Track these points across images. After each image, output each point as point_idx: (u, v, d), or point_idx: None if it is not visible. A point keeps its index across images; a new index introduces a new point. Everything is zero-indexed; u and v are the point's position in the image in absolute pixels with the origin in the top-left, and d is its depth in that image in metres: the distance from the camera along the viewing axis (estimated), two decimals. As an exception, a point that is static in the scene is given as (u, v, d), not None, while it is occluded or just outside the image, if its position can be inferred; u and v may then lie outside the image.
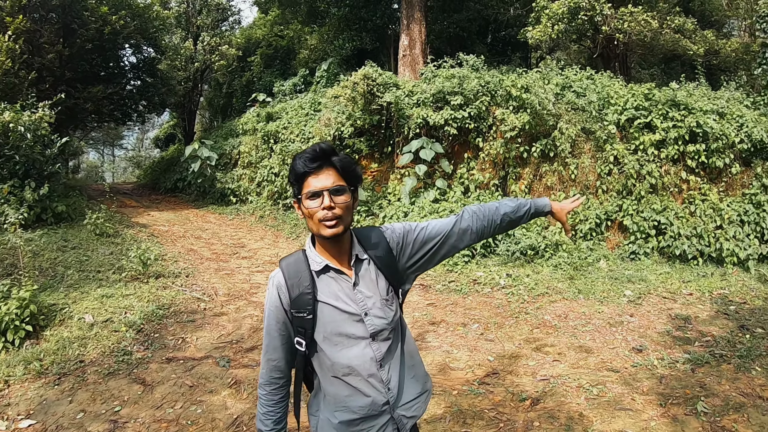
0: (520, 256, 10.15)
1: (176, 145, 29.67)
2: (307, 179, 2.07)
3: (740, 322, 7.45)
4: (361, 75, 12.16)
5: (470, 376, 5.68)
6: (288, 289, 2.13)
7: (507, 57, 21.14)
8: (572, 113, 11.63)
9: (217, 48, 24.96)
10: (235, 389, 5.34)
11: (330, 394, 2.19)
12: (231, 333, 6.84)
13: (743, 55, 20.64)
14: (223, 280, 9.12)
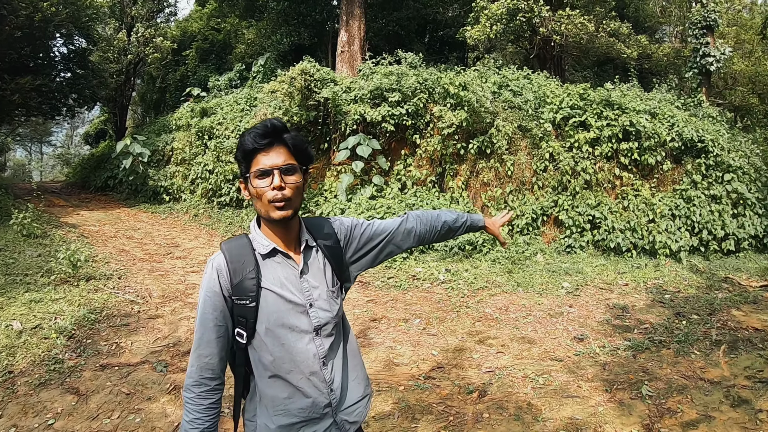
0: (458, 252, 10.16)
1: (107, 142, 28.54)
2: (256, 156, 1.95)
3: (676, 310, 7.76)
4: (298, 70, 11.95)
5: (415, 371, 5.61)
6: (229, 272, 1.97)
7: (444, 56, 21.27)
8: (509, 111, 11.77)
9: (152, 40, 24.01)
10: (175, 395, 5.02)
11: (268, 397, 2.02)
12: (167, 336, 6.50)
13: (674, 59, 21.36)
14: (157, 281, 8.73)
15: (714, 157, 11.25)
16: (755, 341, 6.48)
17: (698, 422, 4.60)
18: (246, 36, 22.11)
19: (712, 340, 6.54)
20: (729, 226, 10.84)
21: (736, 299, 8.32)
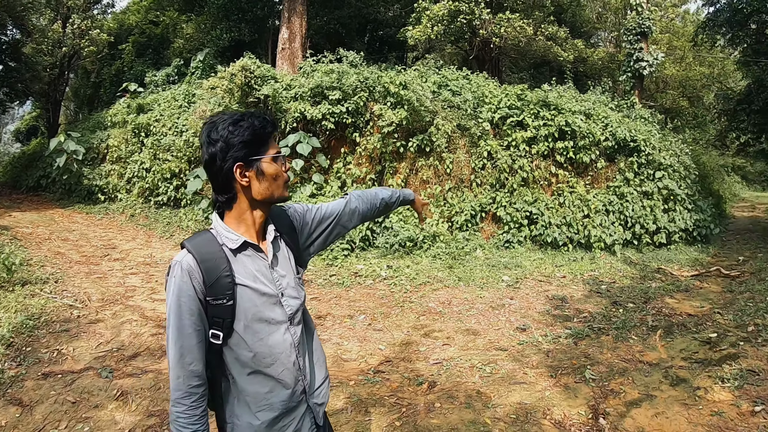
0: (399, 248, 10.24)
1: (39, 139, 27.56)
2: (269, 140, 2.00)
3: (612, 299, 8.13)
4: (239, 66, 11.78)
5: (364, 366, 5.65)
6: (202, 273, 1.89)
7: (384, 56, 21.40)
8: (448, 110, 11.96)
9: (88, 32, 23.06)
10: (123, 401, 4.86)
11: (249, 394, 1.99)
12: (110, 341, 6.27)
13: (608, 63, 21.98)
14: (96, 284, 8.43)
15: (646, 155, 11.78)
16: (689, 325, 6.86)
17: (641, 401, 4.84)
18: (185, 30, 21.52)
19: (648, 326, 6.89)
20: (660, 220, 11.41)
21: (669, 288, 8.75)
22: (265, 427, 2.01)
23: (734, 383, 4.96)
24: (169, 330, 1.90)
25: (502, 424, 4.42)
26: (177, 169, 13.11)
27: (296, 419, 2.09)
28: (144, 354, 5.80)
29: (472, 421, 4.47)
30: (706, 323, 6.91)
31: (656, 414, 4.61)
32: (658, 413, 4.62)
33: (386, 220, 10.68)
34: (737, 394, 4.79)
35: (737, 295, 8.22)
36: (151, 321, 6.70)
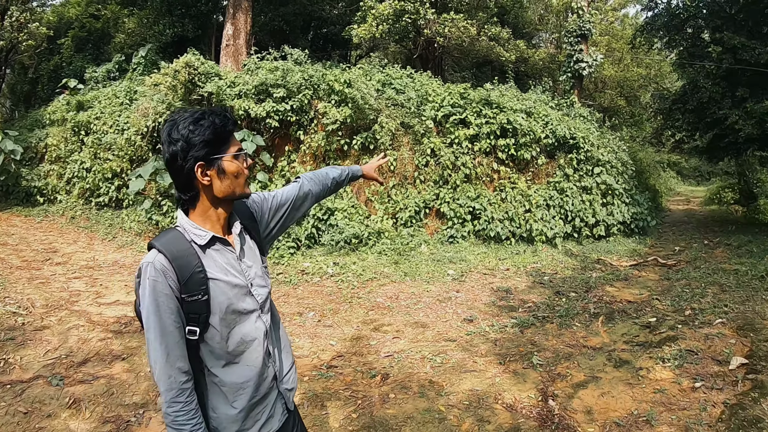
0: (344, 245, 10.28)
1: (-28, 138, 26.61)
2: (231, 138, 2.00)
3: (555, 289, 8.44)
4: (182, 63, 11.58)
5: (317, 362, 5.67)
6: (176, 271, 1.89)
7: (328, 54, 21.38)
8: (392, 108, 12.08)
9: (26, 26, 22.38)
10: (76, 409, 4.71)
11: (225, 385, 2.02)
12: (58, 347, 6.08)
13: (549, 63, 22.46)
14: (39, 289, 8.15)
15: (585, 152, 12.18)
16: (629, 311, 7.21)
17: (587, 383, 5.08)
18: (126, 25, 20.96)
19: (590, 313, 7.20)
20: (599, 213, 11.86)
21: (609, 277, 9.13)
22: (242, 415, 2.05)
23: (674, 363, 5.27)
24: (150, 333, 1.87)
25: (456, 411, 4.54)
26: (118, 168, 12.78)
27: (269, 405, 2.14)
28: (94, 360, 5.67)
29: (427, 409, 4.58)
30: (646, 309, 7.27)
31: (602, 394, 4.83)
32: (604, 393, 4.84)
33: (331, 218, 10.69)
34: (678, 373, 5.09)
35: (674, 282, 8.65)
36: (98, 326, 6.56)
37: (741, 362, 5.17)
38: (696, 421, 4.21)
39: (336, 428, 4.32)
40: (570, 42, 18.03)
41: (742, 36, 13.62)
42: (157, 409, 4.56)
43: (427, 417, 4.46)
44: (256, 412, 2.10)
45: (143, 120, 12.34)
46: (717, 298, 7.33)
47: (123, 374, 5.13)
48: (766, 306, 6.71)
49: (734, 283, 8.03)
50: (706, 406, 4.45)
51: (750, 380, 4.78)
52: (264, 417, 2.12)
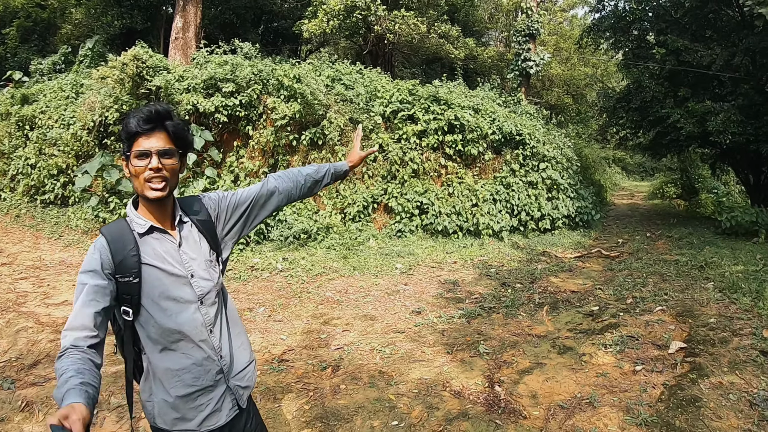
0: (293, 241, 10.25)
1: None
2: (138, 139, 2.01)
3: (501, 281, 8.59)
4: (130, 55, 11.22)
5: (268, 357, 5.66)
6: (111, 253, 1.98)
7: (278, 48, 21.16)
8: (341, 104, 12.04)
9: None
10: (29, 412, 4.56)
11: (162, 370, 2.07)
12: (7, 350, 5.87)
13: (498, 61, 22.74)
14: None
15: (531, 148, 12.40)
16: (573, 301, 7.42)
17: (532, 369, 5.23)
18: (74, 16, 20.26)
19: (535, 303, 7.38)
20: (544, 207, 12.13)
21: (554, 269, 9.37)
22: (180, 403, 2.08)
23: (616, 348, 5.46)
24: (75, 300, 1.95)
25: (405, 399, 4.60)
26: (64, 164, 12.36)
27: (214, 399, 2.16)
28: (44, 361, 5.54)
29: (377, 398, 4.62)
30: (589, 298, 7.49)
31: (547, 379, 4.96)
32: (548, 378, 4.98)
33: (280, 213, 10.64)
34: (619, 357, 5.27)
35: (617, 272, 8.92)
36: (47, 327, 6.39)
37: (680, 346, 5.37)
38: (637, 402, 4.36)
39: (289, 420, 4.33)
40: (518, 41, 18.30)
41: (685, 39, 14.11)
42: (111, 408, 4.49)
43: (378, 406, 4.50)
44: (197, 403, 2.12)
45: (90, 114, 11.95)
46: (657, 287, 7.61)
47: (75, 375, 5.00)
48: (705, 294, 6.97)
49: (674, 273, 8.33)
50: (646, 387, 4.61)
51: (688, 363, 4.98)
52: (207, 410, 2.14)
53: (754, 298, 6.52)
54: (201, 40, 14.42)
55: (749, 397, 4.24)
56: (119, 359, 5.25)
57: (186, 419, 2.10)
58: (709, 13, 14.91)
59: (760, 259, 8.77)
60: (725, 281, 7.42)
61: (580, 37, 19.95)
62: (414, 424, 4.21)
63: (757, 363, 4.78)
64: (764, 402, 4.13)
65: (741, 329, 5.61)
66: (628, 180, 35.72)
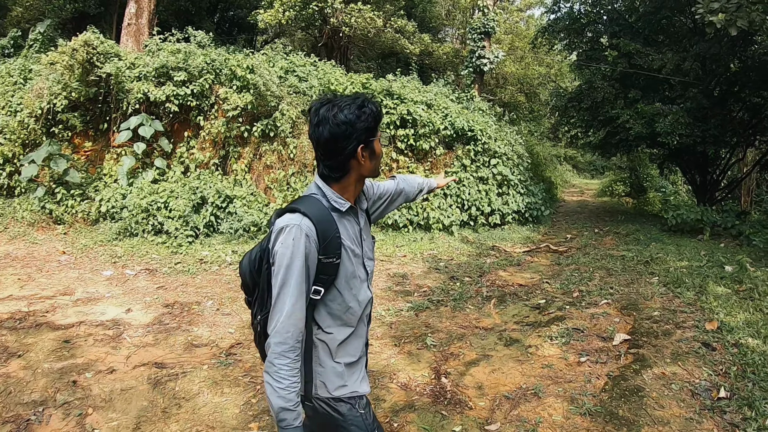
0: (243, 233, 10.09)
1: None
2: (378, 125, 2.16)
3: (450, 275, 8.64)
4: (81, 41, 10.88)
5: (216, 350, 5.57)
6: (319, 234, 2.03)
7: (233, 38, 20.89)
8: (294, 96, 11.94)
9: None
10: None
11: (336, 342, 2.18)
12: None
13: (453, 58, 22.88)
14: None
15: (482, 144, 12.45)
16: (520, 294, 7.51)
17: (478, 361, 5.26)
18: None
19: (483, 297, 7.45)
20: (495, 203, 12.21)
21: (503, 263, 9.49)
22: (346, 371, 2.20)
23: (562, 340, 5.54)
24: (282, 288, 1.99)
25: None
26: (10, 153, 11.85)
27: (362, 368, 2.31)
28: None
29: None
30: (536, 292, 7.59)
31: (493, 370, 5.00)
32: (494, 369, 5.01)
33: (230, 206, 10.42)
34: (565, 349, 5.35)
35: (564, 267, 9.06)
36: None
37: (624, 338, 5.46)
38: (581, 392, 4.42)
39: (236, 414, 4.27)
40: (474, 38, 18.43)
41: (638, 43, 14.45)
42: (57, 405, 4.33)
43: (325, 398, 4.46)
44: (354, 370, 2.26)
45: (37, 101, 11.54)
46: (604, 281, 7.75)
47: (20, 372, 4.85)
48: (649, 288, 7.13)
49: (620, 268, 8.48)
50: (590, 378, 4.68)
51: (632, 354, 5.07)
52: (360, 375, 2.29)
53: (698, 293, 6.70)
54: (154, 27, 14.15)
55: (691, 387, 4.34)
56: (65, 355, 5.17)
57: (347, 385, 2.20)
58: (662, 18, 15.31)
59: (704, 255, 9.01)
60: (670, 276, 7.59)
61: (535, 37, 20.24)
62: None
63: (699, 354, 4.89)
64: (705, 392, 4.24)
65: (684, 322, 5.74)
66: (579, 178, 36.37)
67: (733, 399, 4.10)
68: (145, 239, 9.73)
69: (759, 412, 3.84)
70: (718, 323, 5.53)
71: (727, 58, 12.97)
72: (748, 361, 4.62)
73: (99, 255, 9.03)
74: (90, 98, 11.29)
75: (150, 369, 4.99)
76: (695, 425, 3.82)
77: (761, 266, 8.19)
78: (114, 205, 10.37)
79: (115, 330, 5.97)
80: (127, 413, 4.23)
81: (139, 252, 9.20)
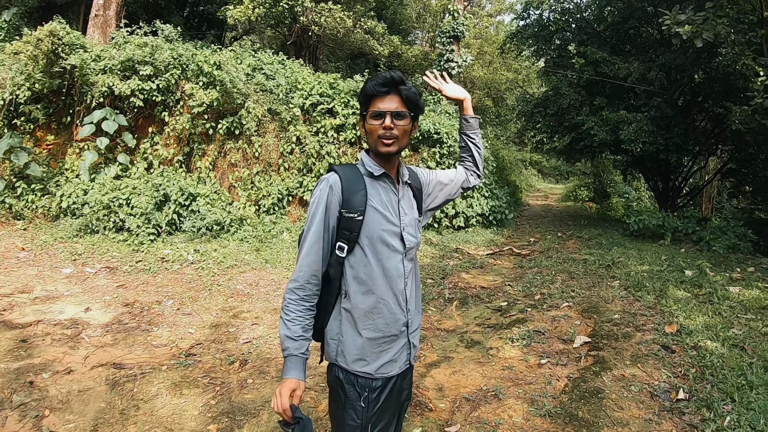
0: (206, 232, 9.95)
1: None
2: (374, 101, 2.23)
3: None
4: (47, 31, 10.58)
5: (175, 351, 5.48)
6: (342, 188, 2.19)
7: (202, 33, 20.65)
8: (261, 94, 11.84)
9: None
10: None
11: (359, 311, 2.23)
12: None
13: (422, 60, 22.91)
14: None
15: (448, 147, 12.46)
16: (482, 296, 7.53)
17: (440, 362, 5.28)
18: None
19: (445, 298, 7.47)
20: (459, 205, 12.34)
21: (466, 265, 9.51)
22: (367, 345, 2.23)
23: (522, 342, 5.57)
24: (306, 233, 2.21)
25: (312, 393, 4.56)
26: None
27: (394, 349, 2.30)
28: None
29: None
30: (498, 294, 7.62)
31: (454, 372, 5.01)
32: (455, 371, 5.02)
33: (193, 204, 10.25)
34: (525, 351, 5.38)
35: (527, 270, 9.13)
36: None
37: (584, 341, 5.50)
38: (541, 393, 4.44)
39: (195, 416, 4.21)
40: (443, 42, 18.52)
41: (605, 51, 14.69)
42: (14, 407, 4.21)
43: (285, 400, 4.41)
44: (380, 349, 2.26)
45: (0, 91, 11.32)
46: (565, 284, 7.83)
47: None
48: (610, 291, 7.22)
49: (582, 271, 8.59)
50: (551, 380, 4.71)
51: (592, 356, 5.11)
52: (387, 357, 2.28)
53: (658, 296, 6.81)
54: (122, 19, 13.78)
55: (650, 388, 4.39)
56: (21, 355, 5.04)
57: (366, 361, 2.24)
58: (629, 29, 15.59)
59: (664, 260, 9.16)
60: (631, 280, 7.71)
61: (504, 42, 20.44)
62: (321, 418, 4.16)
63: (659, 357, 4.96)
64: (665, 393, 4.29)
65: (644, 325, 5.81)
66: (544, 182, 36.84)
67: (691, 400, 4.15)
68: (106, 236, 9.54)
69: (717, 414, 3.90)
70: (677, 326, 5.61)
71: (691, 68, 13.22)
72: (707, 363, 4.70)
73: (59, 252, 8.83)
74: (54, 90, 10.98)
75: (108, 370, 4.89)
76: (654, 426, 3.86)
77: (720, 271, 8.37)
78: (75, 200, 10.12)
79: (74, 329, 5.85)
80: (85, 415, 4.15)
81: (100, 249, 9.02)
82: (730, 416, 3.85)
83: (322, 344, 2.40)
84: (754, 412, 3.87)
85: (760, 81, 9.53)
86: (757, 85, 9.59)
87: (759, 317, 6.05)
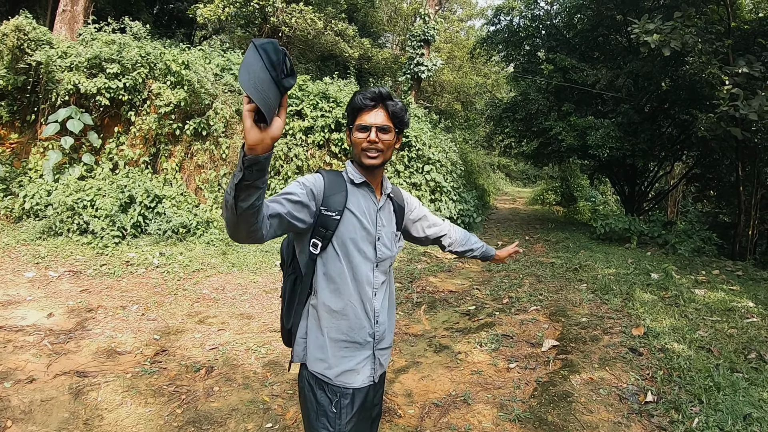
0: (172, 235, 9.78)
1: None
2: (361, 114, 2.25)
3: None
4: (12, 26, 10.34)
5: (140, 358, 5.35)
6: (325, 186, 2.22)
7: (171, 31, 20.45)
8: (229, 95, 11.72)
9: None
10: None
11: (325, 308, 2.25)
12: None
13: (392, 63, 23.02)
14: None
15: (416, 150, 12.51)
16: (450, 300, 7.51)
17: (408, 368, 5.24)
18: None
19: (413, 303, 7.43)
20: (429, 209, 12.00)
21: (434, 269, 9.50)
22: (328, 345, 2.25)
23: (491, 346, 5.57)
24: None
25: (280, 400, 4.49)
26: None
27: (358, 358, 2.29)
28: None
29: (251, 400, 4.48)
30: (466, 298, 7.62)
31: (422, 377, 4.97)
32: (424, 376, 4.99)
33: (159, 206, 10.08)
34: (494, 355, 5.38)
35: (494, 273, 9.16)
36: None
37: (552, 344, 5.52)
38: (510, 398, 4.44)
39: (161, 425, 4.10)
40: (413, 45, 18.60)
41: (574, 58, 14.86)
42: None
43: (252, 408, 4.37)
44: (341, 354, 2.27)
45: (-37, 90, 11.01)
46: (533, 288, 7.88)
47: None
48: (578, 294, 7.28)
49: (549, 275, 8.66)
50: (519, 384, 4.70)
51: (560, 360, 5.14)
52: (348, 365, 2.27)
53: (625, 299, 6.88)
54: (90, 16, 13.55)
55: (618, 391, 4.41)
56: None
57: (327, 363, 2.25)
58: (598, 36, 15.81)
59: (631, 263, 9.28)
60: (598, 283, 7.78)
61: (474, 47, 20.58)
62: (288, 426, 4.10)
63: (627, 359, 5.00)
64: (633, 396, 4.31)
65: (611, 328, 5.86)
66: (512, 186, 37.14)
67: (660, 402, 4.18)
68: (69, 239, 9.31)
69: (686, 415, 3.93)
70: (644, 329, 5.67)
71: (659, 76, 13.45)
72: (674, 365, 4.74)
73: (21, 255, 8.60)
74: (18, 87, 10.74)
75: (72, 378, 4.75)
76: (624, 429, 3.87)
77: (686, 274, 8.50)
78: (38, 201, 9.89)
79: (36, 336, 5.68)
80: (48, 425, 4.02)
81: (64, 252, 8.79)
82: (699, 417, 3.88)
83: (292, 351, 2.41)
84: (722, 413, 3.90)
85: (726, 89, 9.74)
86: (723, 93, 9.81)
87: (724, 319, 6.16)
